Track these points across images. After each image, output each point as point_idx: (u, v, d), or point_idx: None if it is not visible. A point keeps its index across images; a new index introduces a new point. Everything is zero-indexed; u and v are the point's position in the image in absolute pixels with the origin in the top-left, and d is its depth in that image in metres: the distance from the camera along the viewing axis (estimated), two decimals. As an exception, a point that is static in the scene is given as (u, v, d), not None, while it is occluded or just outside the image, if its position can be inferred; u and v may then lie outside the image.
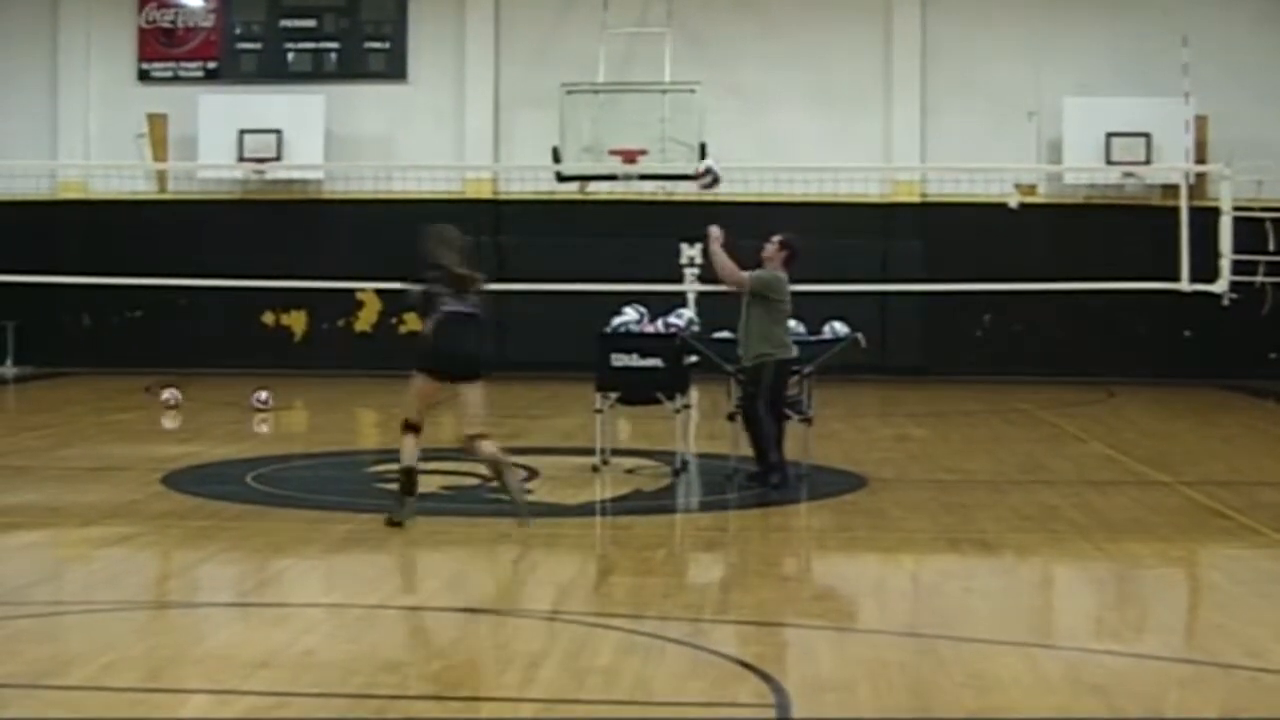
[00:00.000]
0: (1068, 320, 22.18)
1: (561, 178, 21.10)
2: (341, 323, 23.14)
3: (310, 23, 23.47)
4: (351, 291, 22.32)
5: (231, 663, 6.80)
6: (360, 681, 6.52)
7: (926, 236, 22.48)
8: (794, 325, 12.24)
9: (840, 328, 12.79)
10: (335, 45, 23.45)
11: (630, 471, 12.73)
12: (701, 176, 12.02)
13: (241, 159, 22.38)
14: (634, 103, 20.67)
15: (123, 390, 20.03)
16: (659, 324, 12.80)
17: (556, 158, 20.50)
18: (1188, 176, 19.23)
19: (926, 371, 22.40)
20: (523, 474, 10.75)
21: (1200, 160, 20.48)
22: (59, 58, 23.58)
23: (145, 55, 23.57)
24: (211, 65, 23.48)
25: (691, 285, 18.69)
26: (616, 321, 12.80)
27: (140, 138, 23.06)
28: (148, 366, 22.10)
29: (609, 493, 11.97)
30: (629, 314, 12.86)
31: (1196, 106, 19.95)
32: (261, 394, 17.52)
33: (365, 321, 23.36)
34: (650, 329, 12.74)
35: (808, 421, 12.43)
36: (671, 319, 12.88)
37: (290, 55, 23.48)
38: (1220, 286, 18.08)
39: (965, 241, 21.80)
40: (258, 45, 23.50)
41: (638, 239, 21.73)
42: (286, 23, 23.47)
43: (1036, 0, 22.83)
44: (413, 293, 10.46)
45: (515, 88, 23.02)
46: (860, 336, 12.73)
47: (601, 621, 7.67)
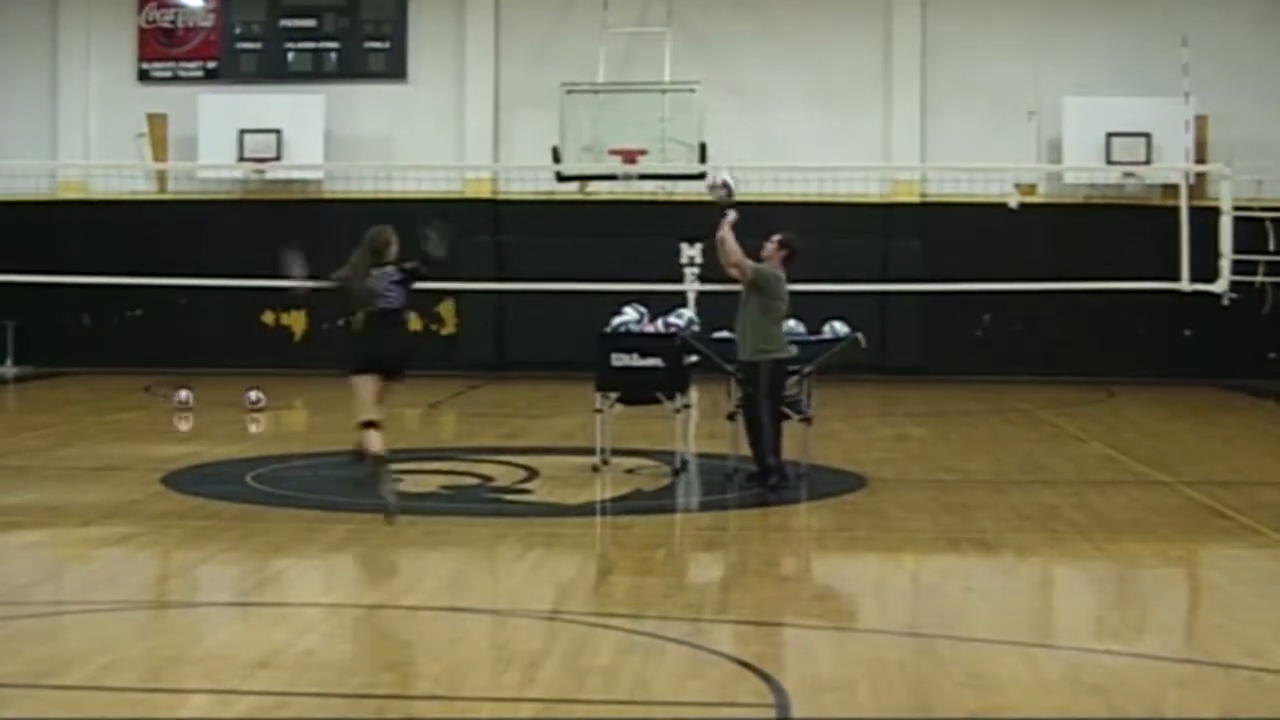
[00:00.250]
0: (1068, 320, 22.18)
1: (561, 177, 21.10)
2: (341, 323, 23.08)
3: (310, 22, 23.47)
4: (351, 291, 22.26)
5: (231, 663, 6.80)
6: (360, 681, 6.53)
7: (926, 236, 22.48)
8: (794, 325, 12.24)
9: (840, 327, 12.79)
10: (335, 45, 23.45)
11: (630, 471, 12.73)
12: (717, 189, 11.80)
13: (241, 159, 22.38)
14: (634, 102, 20.67)
15: (123, 390, 20.04)
16: (659, 324, 12.80)
17: (556, 157, 20.51)
18: (1188, 176, 19.22)
19: (926, 371, 22.40)
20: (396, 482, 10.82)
21: (1200, 160, 20.48)
22: (59, 58, 23.58)
23: (145, 55, 23.57)
24: (211, 65, 23.48)
25: (691, 285, 18.68)
26: (616, 321, 12.81)
27: (140, 137, 23.06)
28: (148, 366, 22.12)
29: (609, 492, 11.97)
30: (629, 314, 12.87)
31: (1196, 106, 19.95)
32: (252, 394, 17.48)
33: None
34: (650, 329, 12.74)
35: (807, 421, 12.43)
36: (671, 319, 12.88)
37: (290, 55, 23.48)
38: (1220, 286, 18.08)
39: (965, 241, 21.80)
40: (257, 45, 23.50)
41: (637, 239, 21.72)
42: (286, 22, 23.47)
43: (1036, 0, 22.84)
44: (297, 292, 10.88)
45: (515, 87, 23.02)
46: (860, 336, 12.73)
47: (601, 621, 7.68)
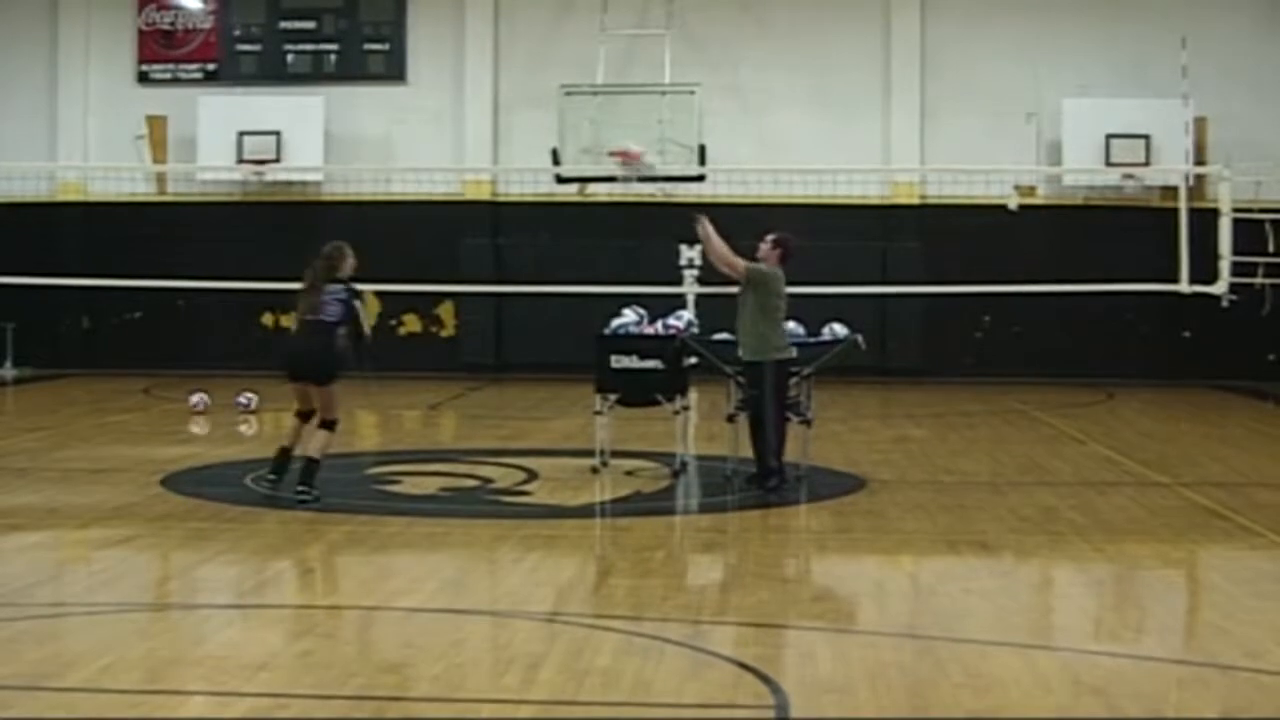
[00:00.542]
0: (1067, 322, 22.17)
1: (561, 179, 21.11)
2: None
3: (309, 24, 23.47)
4: (351, 293, 22.26)
5: (231, 664, 6.80)
6: (360, 683, 6.53)
7: (926, 238, 22.48)
8: (793, 327, 12.23)
9: (839, 329, 12.79)
10: (334, 47, 23.45)
11: (630, 473, 12.73)
12: (627, 157, 11.91)
13: (241, 161, 22.38)
14: (633, 104, 20.66)
15: (122, 392, 20.05)
16: (658, 325, 12.81)
17: (556, 159, 20.51)
18: (1187, 178, 19.23)
19: (926, 373, 22.41)
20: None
21: (1199, 162, 20.49)
22: (58, 59, 23.58)
23: (144, 57, 23.57)
24: (211, 67, 23.48)
25: (691, 287, 18.70)
26: (616, 323, 12.81)
27: (139, 139, 23.07)
28: (147, 368, 22.14)
29: (608, 494, 11.97)
30: (628, 315, 12.87)
31: (1196, 108, 19.96)
32: (242, 397, 17.40)
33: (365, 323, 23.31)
34: (650, 330, 12.75)
35: (807, 423, 12.43)
36: (671, 320, 12.89)
37: (289, 57, 23.48)
38: (1219, 288, 18.08)
39: (964, 243, 21.80)
40: (257, 47, 23.51)
41: (637, 241, 21.76)
42: (285, 24, 23.48)
43: (1036, 2, 22.84)
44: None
45: (514, 89, 23.02)
46: (859, 338, 12.73)
47: (601, 623, 7.68)
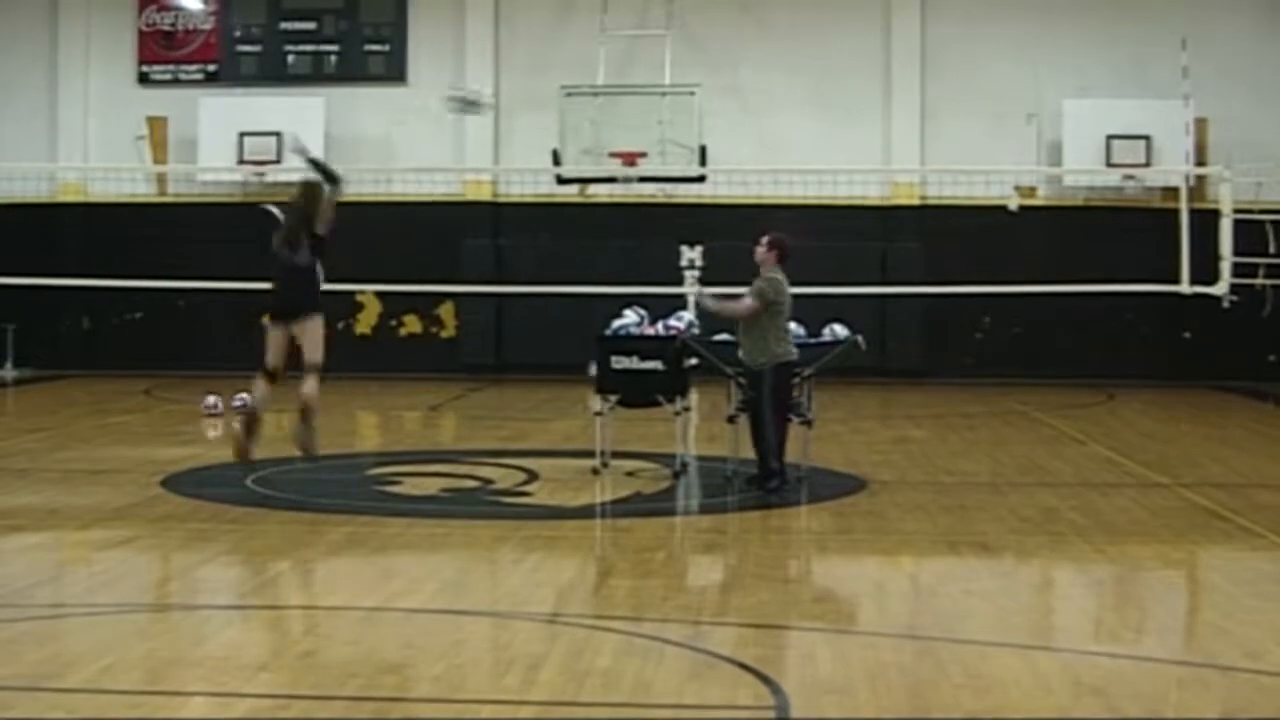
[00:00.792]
0: (1067, 323, 22.18)
1: (561, 180, 21.12)
2: (341, 325, 23.12)
3: (310, 25, 23.48)
4: (351, 294, 22.31)
5: (231, 665, 6.81)
6: (360, 684, 6.53)
7: (926, 239, 22.49)
8: (793, 328, 12.23)
9: (840, 330, 12.78)
10: (335, 47, 23.46)
11: (630, 474, 12.73)
12: (458, 99, 12.18)
13: (241, 161, 22.39)
14: (633, 105, 20.69)
15: (122, 393, 20.05)
16: (659, 326, 12.80)
17: (556, 160, 20.52)
18: (1188, 179, 19.25)
19: (926, 374, 22.41)
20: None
21: (1200, 162, 20.49)
22: (59, 60, 23.59)
23: (145, 58, 23.58)
24: (211, 68, 23.49)
25: (692, 288, 18.68)
26: (617, 324, 12.80)
27: (140, 140, 23.08)
28: (147, 369, 22.15)
29: (609, 495, 11.97)
30: (629, 316, 12.86)
31: (1196, 109, 19.95)
32: (210, 398, 17.27)
33: (365, 324, 23.37)
34: (650, 331, 12.75)
35: (808, 424, 12.43)
36: (672, 321, 12.88)
37: (290, 57, 23.49)
38: (1220, 289, 18.10)
39: (965, 244, 21.80)
40: (257, 48, 23.51)
41: (637, 241, 21.76)
42: (286, 25, 23.48)
43: (1036, 2, 22.85)
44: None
45: (515, 90, 23.01)
46: (860, 339, 12.73)
47: (601, 624, 7.68)
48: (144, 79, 23.58)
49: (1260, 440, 16.35)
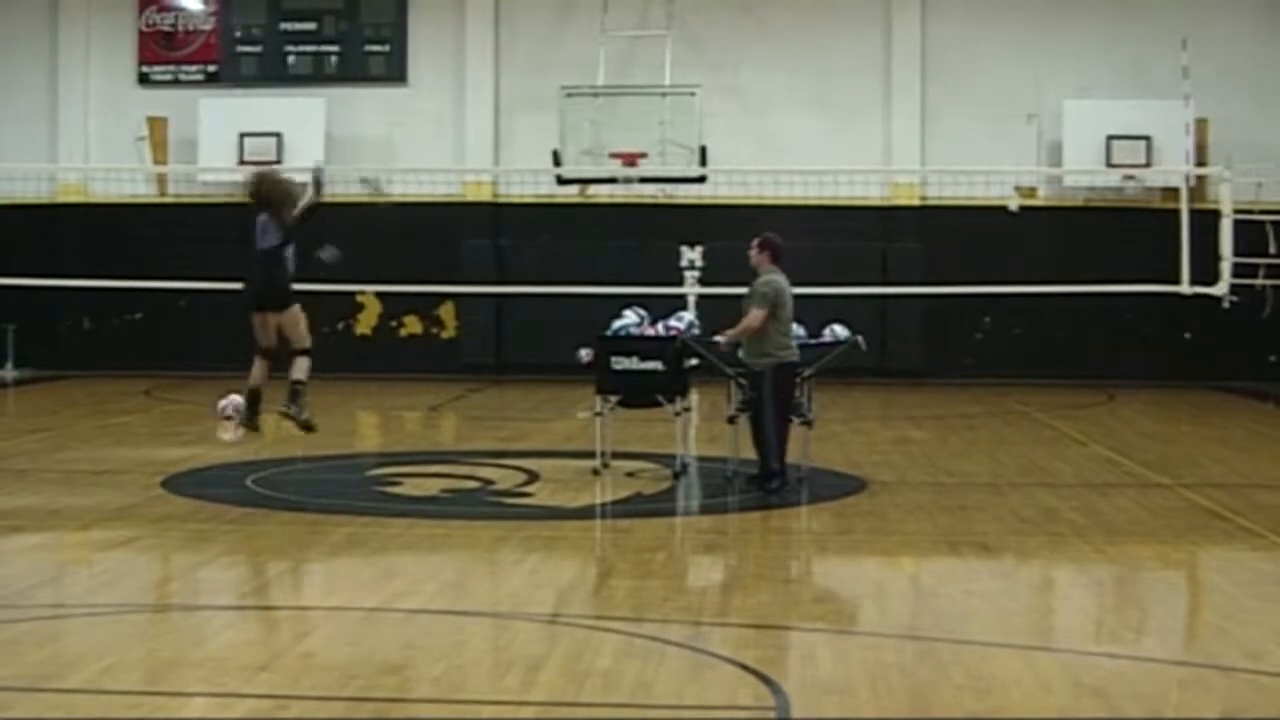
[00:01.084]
0: (1068, 323, 22.18)
1: (561, 181, 21.12)
2: (341, 325, 23.14)
3: (310, 25, 23.48)
4: (351, 294, 22.31)
5: (232, 666, 6.81)
6: (360, 684, 6.53)
7: (926, 239, 22.48)
8: (794, 329, 12.23)
9: (840, 330, 12.79)
10: (335, 48, 23.45)
11: (630, 474, 12.73)
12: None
13: (242, 162, 22.36)
14: (634, 106, 20.68)
15: (122, 393, 20.05)
16: (659, 327, 12.81)
17: (556, 161, 20.52)
18: (1188, 179, 19.24)
19: (926, 374, 22.41)
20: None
21: (1200, 163, 20.49)
22: (59, 61, 23.58)
23: (145, 58, 23.58)
24: (211, 68, 23.49)
25: (692, 288, 18.69)
26: (617, 324, 12.80)
27: (140, 141, 23.08)
28: (147, 369, 22.15)
29: (609, 495, 11.97)
30: (629, 317, 12.86)
31: (1196, 109, 19.94)
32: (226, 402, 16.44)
33: (365, 324, 23.37)
34: (651, 332, 12.74)
35: (808, 424, 12.43)
36: (672, 322, 12.88)
37: (290, 58, 23.49)
38: (1220, 289, 18.09)
39: (965, 244, 21.80)
40: (258, 48, 23.51)
41: (638, 242, 21.76)
42: (286, 25, 23.48)
43: (1036, 3, 22.84)
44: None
45: (515, 90, 23.02)
46: (860, 339, 12.73)
47: (602, 624, 7.68)
48: (144, 79, 23.58)
49: (1260, 440, 16.35)
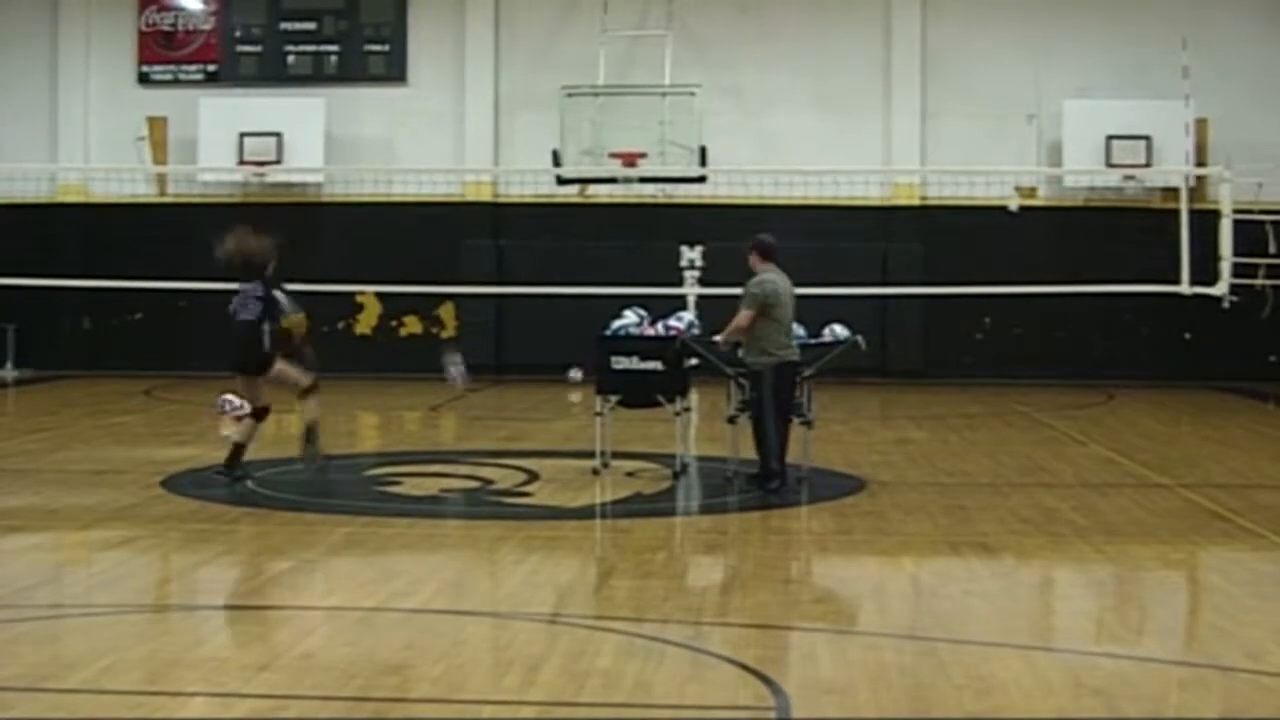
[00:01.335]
0: (1068, 323, 22.19)
1: (561, 181, 21.12)
2: (341, 325, 23.15)
3: (310, 25, 23.48)
4: (351, 294, 22.32)
5: (231, 666, 6.81)
6: (360, 684, 6.53)
7: (926, 239, 22.49)
8: (794, 328, 12.23)
9: (840, 330, 12.79)
10: (335, 48, 23.46)
11: (630, 474, 12.73)
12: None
13: (241, 162, 22.40)
14: (634, 105, 20.70)
15: (122, 393, 20.05)
16: (659, 327, 12.80)
17: (556, 161, 20.52)
18: (1188, 179, 19.24)
19: (926, 374, 22.41)
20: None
21: (1200, 163, 20.50)
22: (59, 61, 23.59)
23: (145, 58, 23.58)
24: (211, 68, 23.50)
25: (692, 288, 18.70)
26: (617, 324, 12.80)
27: (140, 140, 23.08)
28: (147, 369, 22.15)
29: (609, 495, 11.96)
30: (629, 317, 12.86)
31: (1196, 109, 19.94)
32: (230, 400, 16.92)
33: (365, 324, 23.38)
34: (650, 332, 12.74)
35: (808, 424, 12.43)
36: (672, 322, 12.88)
37: (290, 58, 23.49)
38: (1220, 289, 18.09)
39: (965, 244, 21.82)
40: (258, 48, 23.52)
41: (638, 242, 21.76)
42: (286, 25, 23.48)
43: (1036, 3, 22.85)
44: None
45: (515, 90, 23.03)
46: (860, 339, 12.73)
47: (601, 624, 7.68)
48: (144, 79, 23.58)
49: (1260, 440, 16.34)
